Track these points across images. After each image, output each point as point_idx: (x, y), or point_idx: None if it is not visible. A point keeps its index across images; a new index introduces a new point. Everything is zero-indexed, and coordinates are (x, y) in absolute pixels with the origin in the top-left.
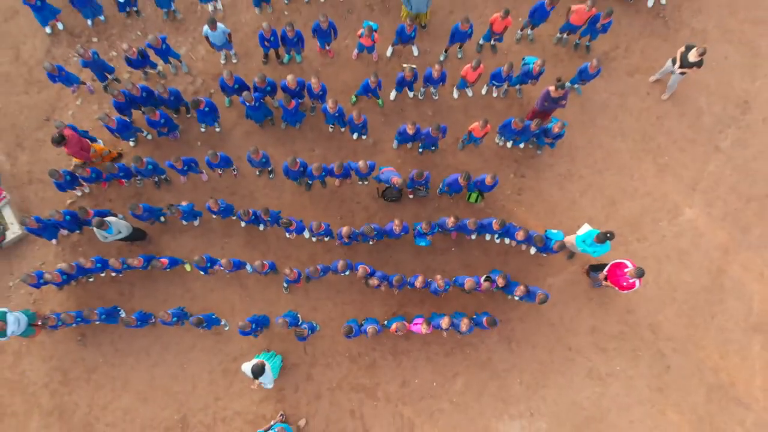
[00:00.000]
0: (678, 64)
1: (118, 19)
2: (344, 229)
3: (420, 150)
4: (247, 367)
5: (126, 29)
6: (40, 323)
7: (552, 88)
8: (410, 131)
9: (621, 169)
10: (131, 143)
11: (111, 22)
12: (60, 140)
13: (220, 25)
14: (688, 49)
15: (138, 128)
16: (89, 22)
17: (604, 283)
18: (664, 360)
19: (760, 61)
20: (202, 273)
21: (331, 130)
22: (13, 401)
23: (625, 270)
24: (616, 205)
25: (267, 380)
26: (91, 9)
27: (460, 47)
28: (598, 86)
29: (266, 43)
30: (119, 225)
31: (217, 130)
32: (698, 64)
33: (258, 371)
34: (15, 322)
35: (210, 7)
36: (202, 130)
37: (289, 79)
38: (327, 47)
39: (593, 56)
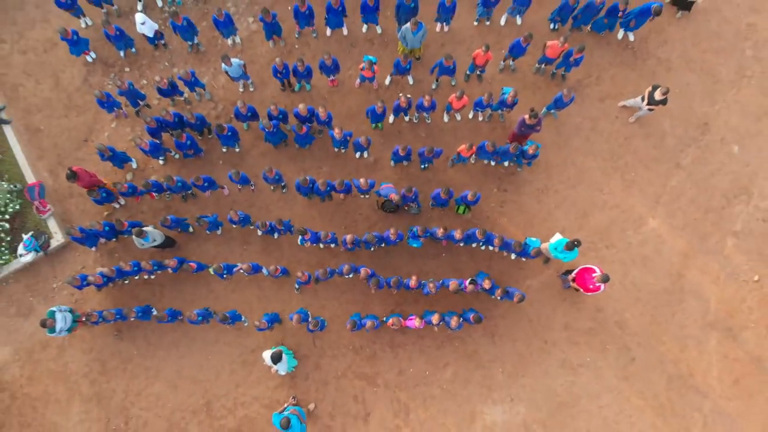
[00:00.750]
0: (646, 101)
1: (147, 51)
2: (348, 237)
3: (423, 167)
4: (267, 354)
5: (154, 60)
6: (83, 319)
7: (527, 116)
8: (402, 153)
9: (592, 185)
10: (161, 161)
11: (141, 53)
12: (72, 176)
13: (234, 60)
14: (654, 88)
15: (167, 149)
16: (122, 53)
17: (572, 285)
18: (630, 353)
19: (720, 87)
20: (220, 279)
21: (336, 150)
22: (56, 389)
23: (593, 275)
24: (588, 216)
25: (282, 367)
26: (123, 42)
27: (452, 77)
28: (573, 111)
29: (279, 74)
30: (154, 234)
31: (237, 150)
32: (663, 101)
33: (276, 358)
34: (62, 319)
35: (229, 41)
36: (224, 150)
37: (301, 108)
38: (332, 77)
39: (568, 84)
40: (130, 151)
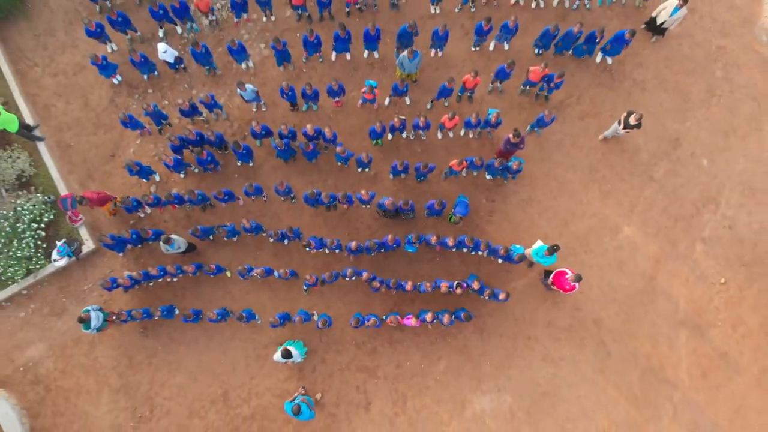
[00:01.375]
0: (622, 125)
1: (168, 74)
2: (353, 244)
3: (418, 180)
4: (278, 356)
5: (175, 83)
6: (114, 318)
7: (511, 135)
8: (399, 167)
9: (572, 196)
10: (182, 175)
11: (163, 76)
12: (82, 201)
13: (248, 85)
14: (629, 114)
15: (188, 164)
16: (145, 77)
17: (551, 286)
18: (606, 348)
19: (691, 105)
20: (240, 278)
21: (340, 165)
22: (87, 381)
23: (566, 276)
24: (568, 225)
25: (296, 357)
26: (147, 67)
27: (445, 99)
28: (555, 129)
29: (285, 95)
30: (179, 241)
31: (251, 165)
32: (637, 126)
33: (287, 354)
34: (96, 318)
35: (243, 65)
36: (239, 164)
37: (309, 128)
38: (337, 99)
39: (551, 105)
40: (154, 164)
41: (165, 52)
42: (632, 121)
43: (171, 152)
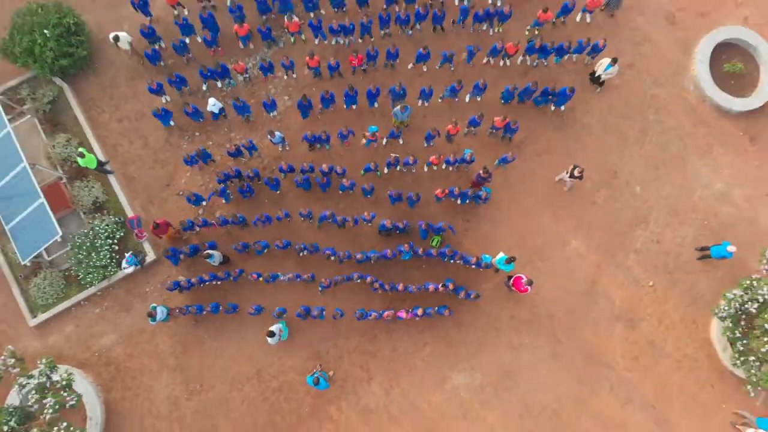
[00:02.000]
0: (568, 174)
1: (211, 120)
2: (358, 255)
3: (410, 206)
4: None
5: (218, 127)
6: (176, 312)
7: (481, 171)
8: (395, 195)
9: (530, 217)
10: (224, 201)
11: (208, 122)
12: (156, 227)
13: (277, 132)
14: (575, 167)
15: (230, 192)
16: (194, 123)
17: (511, 288)
18: (557, 337)
19: (627, 144)
20: (266, 283)
21: (348, 192)
22: (150, 363)
23: (522, 280)
24: (527, 239)
25: (278, 337)
26: (196, 115)
27: (431, 141)
28: (517, 164)
29: (308, 140)
30: (216, 256)
31: (278, 193)
32: (579, 177)
33: (270, 334)
34: (162, 312)
35: (272, 113)
36: (269, 192)
37: (324, 166)
38: (346, 140)
39: (514, 145)
40: (203, 193)
41: (214, 105)
42: (576, 173)
43: (217, 184)
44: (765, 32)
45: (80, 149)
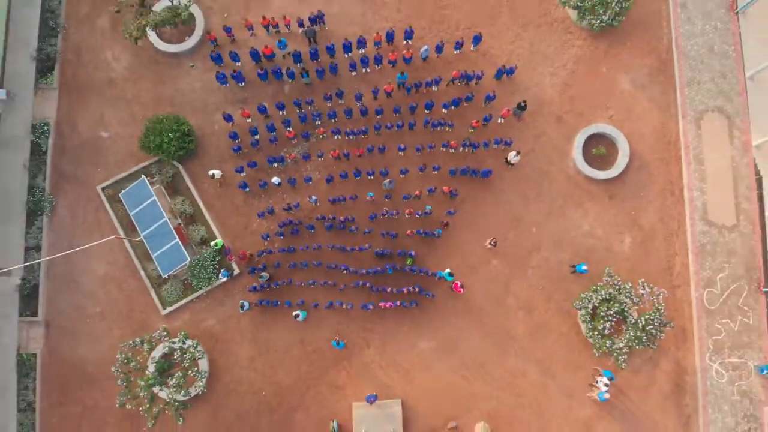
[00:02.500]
0: (489, 242)
1: (273, 188)
2: (362, 270)
3: (393, 238)
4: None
5: (276, 192)
6: (254, 305)
7: (442, 221)
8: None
9: (467, 246)
10: (281, 237)
11: (270, 189)
12: (242, 257)
13: (313, 196)
14: (492, 242)
15: (284, 232)
16: (261, 189)
17: (453, 290)
18: (483, 321)
19: (528, 202)
20: (308, 286)
21: (353, 232)
22: (235, 336)
23: (458, 286)
24: (465, 260)
25: (300, 317)
26: (264, 185)
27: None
28: (459, 213)
29: (330, 199)
30: (265, 276)
31: (312, 232)
32: (493, 244)
33: (295, 316)
34: (246, 305)
35: (309, 183)
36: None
37: (341, 216)
38: (355, 199)
39: (457, 202)
40: (268, 232)
41: (275, 179)
42: (492, 242)
43: (278, 228)
44: (623, 126)
45: (214, 242)
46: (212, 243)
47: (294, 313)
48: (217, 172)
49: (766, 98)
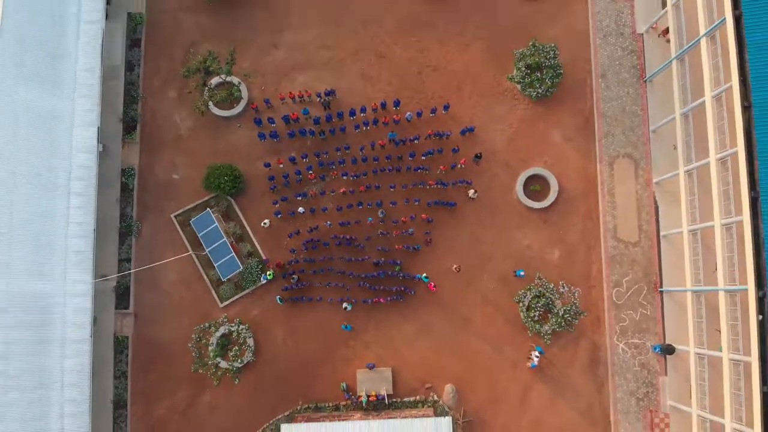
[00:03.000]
0: (455, 269)
1: (299, 215)
2: (363, 275)
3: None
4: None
5: (301, 218)
6: (287, 300)
7: (426, 237)
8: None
9: (442, 257)
10: (305, 250)
11: (297, 216)
12: (267, 262)
13: (328, 222)
14: (457, 268)
15: (307, 248)
16: (291, 216)
17: (430, 290)
18: (449, 311)
19: (484, 226)
20: (326, 286)
21: (357, 246)
22: (273, 322)
23: (432, 285)
24: (441, 266)
25: (347, 307)
26: (293, 213)
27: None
28: (434, 234)
29: (341, 223)
30: (295, 279)
31: (328, 247)
32: (458, 270)
33: (345, 308)
34: (279, 299)
35: (324, 212)
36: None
37: (348, 236)
38: (359, 223)
39: (433, 225)
40: (295, 247)
41: (300, 209)
42: (455, 268)
43: (303, 244)
44: (554, 168)
45: (268, 273)
46: (268, 273)
47: (343, 306)
48: (266, 222)
49: (663, 147)
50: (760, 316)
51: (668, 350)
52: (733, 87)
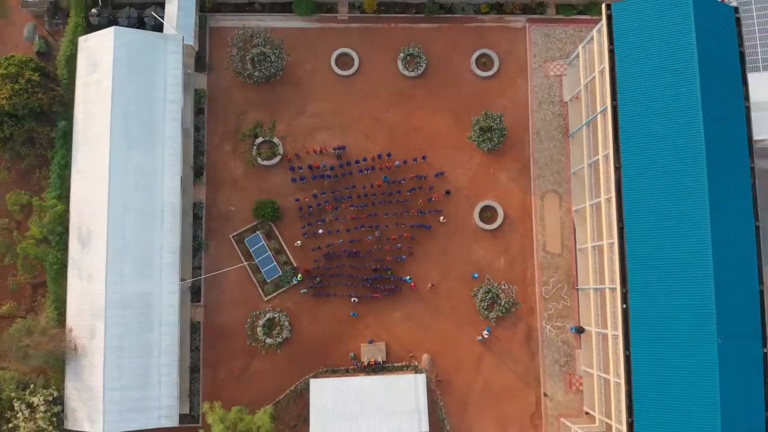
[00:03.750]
0: (430, 285)
1: (318, 235)
2: (364, 276)
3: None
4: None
5: (320, 237)
6: (310, 294)
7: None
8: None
9: (421, 265)
10: (324, 260)
11: (317, 236)
12: (297, 268)
13: (340, 240)
14: (431, 285)
15: (325, 257)
16: (313, 236)
17: (411, 287)
18: (428, 303)
19: (452, 242)
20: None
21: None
22: (300, 309)
23: (413, 284)
24: (418, 272)
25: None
26: (315, 234)
27: None
28: (415, 248)
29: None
30: (313, 285)
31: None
32: (432, 285)
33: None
34: (304, 293)
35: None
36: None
37: (352, 250)
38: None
39: (416, 242)
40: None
41: (320, 231)
42: (431, 284)
43: (322, 256)
44: (501, 201)
45: (298, 276)
46: (298, 276)
47: (351, 299)
48: (299, 242)
49: (580, 185)
50: (624, 305)
51: (580, 330)
52: (609, 153)
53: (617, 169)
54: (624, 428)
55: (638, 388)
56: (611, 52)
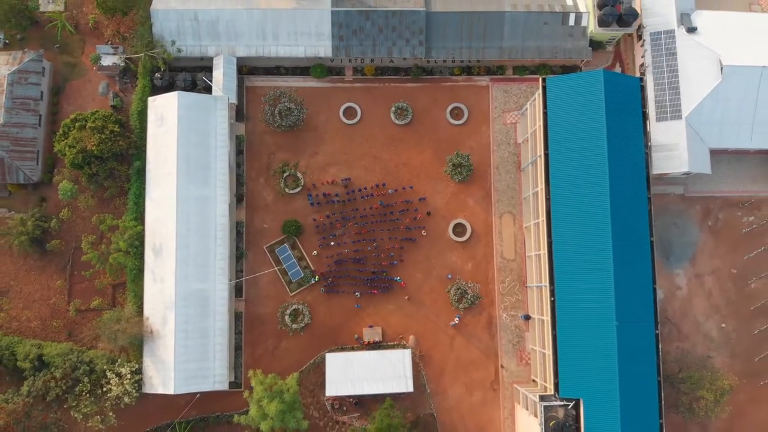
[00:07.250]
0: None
1: (327, 248)
2: (365, 277)
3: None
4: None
5: (329, 248)
6: (325, 291)
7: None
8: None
9: (406, 269)
10: (335, 264)
11: (325, 248)
12: (313, 271)
13: (347, 249)
14: (406, 298)
15: (336, 263)
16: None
17: (401, 285)
18: (414, 298)
19: (432, 254)
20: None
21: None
22: (317, 302)
23: (403, 283)
24: (406, 274)
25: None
26: (324, 245)
27: None
28: (404, 255)
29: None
30: (329, 284)
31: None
32: (408, 299)
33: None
34: (323, 289)
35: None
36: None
37: (356, 257)
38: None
39: (404, 251)
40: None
41: (333, 244)
42: (405, 298)
43: (333, 262)
44: (469, 219)
45: (315, 277)
46: (316, 277)
47: (356, 295)
48: (315, 252)
49: (528, 207)
50: (552, 299)
51: (528, 317)
52: (540, 189)
53: (547, 200)
54: (551, 386)
55: (561, 357)
56: (545, 114)
